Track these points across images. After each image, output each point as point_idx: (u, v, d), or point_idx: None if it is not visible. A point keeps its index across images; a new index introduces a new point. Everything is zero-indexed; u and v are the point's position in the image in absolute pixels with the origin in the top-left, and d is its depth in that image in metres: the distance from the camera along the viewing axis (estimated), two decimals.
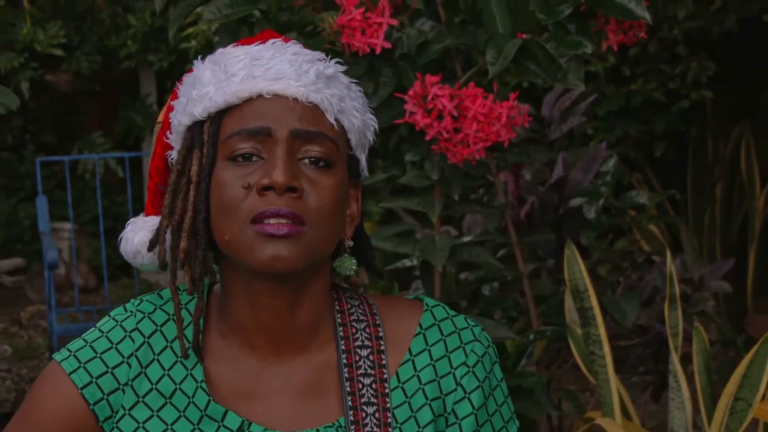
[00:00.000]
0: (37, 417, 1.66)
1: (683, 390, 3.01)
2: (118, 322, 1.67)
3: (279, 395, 1.65)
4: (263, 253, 1.53)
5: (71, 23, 7.45)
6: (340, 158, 1.60)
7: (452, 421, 1.65)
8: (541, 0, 2.52)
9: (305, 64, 1.60)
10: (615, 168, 3.59)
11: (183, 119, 1.62)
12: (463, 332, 1.68)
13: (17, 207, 7.74)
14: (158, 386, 1.64)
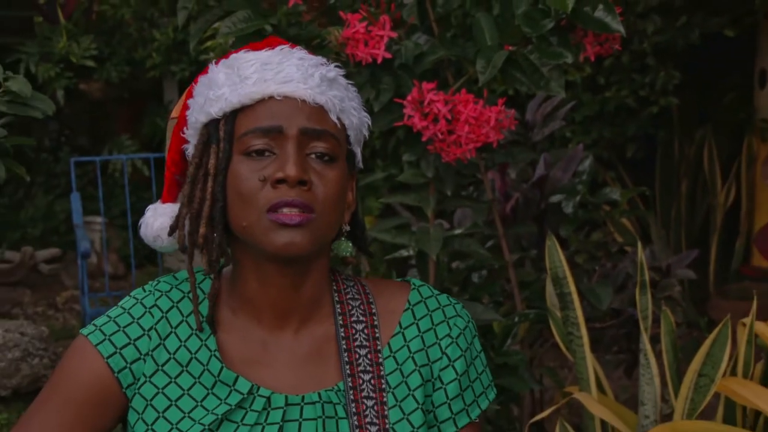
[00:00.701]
0: (67, 385, 1.67)
1: (652, 367, 3.01)
2: (138, 300, 1.69)
3: (284, 363, 1.67)
4: (278, 239, 1.56)
5: (102, 37, 7.44)
6: (341, 153, 1.63)
7: (438, 386, 1.69)
8: (526, 15, 2.51)
9: (310, 68, 1.62)
10: (591, 167, 3.59)
11: (200, 117, 1.63)
12: (446, 308, 1.73)
13: (54, 202, 7.74)
14: (175, 356, 1.66)
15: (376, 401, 1.64)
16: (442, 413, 1.69)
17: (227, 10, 2.74)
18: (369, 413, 1.63)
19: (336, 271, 1.76)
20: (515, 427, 3.19)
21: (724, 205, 6.48)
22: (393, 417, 1.65)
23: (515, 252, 3.32)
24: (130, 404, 1.66)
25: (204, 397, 1.64)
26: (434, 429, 1.69)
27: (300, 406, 1.64)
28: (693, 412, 2.98)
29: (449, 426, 1.69)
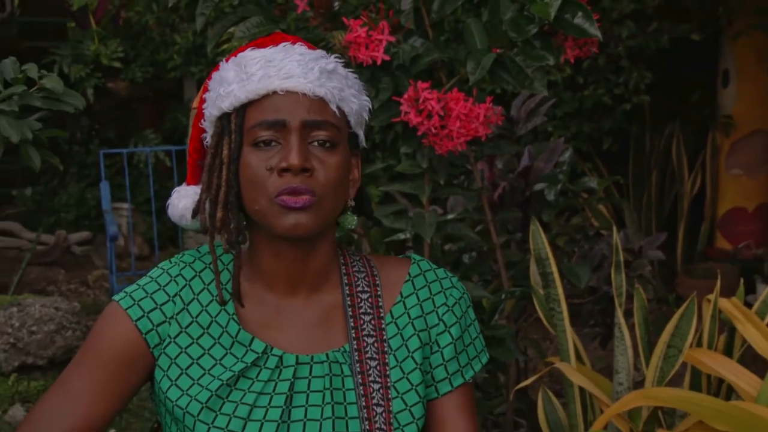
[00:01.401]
0: (101, 345, 1.68)
1: (626, 339, 3.01)
2: (165, 270, 1.71)
3: (295, 326, 1.69)
4: (286, 221, 1.58)
5: (128, 41, 7.43)
6: (342, 138, 1.64)
7: (435, 349, 1.71)
8: (512, 21, 2.51)
9: (310, 63, 1.63)
10: (570, 159, 3.59)
11: (213, 111, 1.65)
12: (443, 280, 1.75)
13: (85, 190, 7.73)
14: (197, 319, 1.68)
15: (378, 362, 1.66)
16: (438, 374, 1.71)
17: (241, 16, 2.73)
18: (372, 372, 1.65)
19: (343, 247, 1.77)
20: (502, 393, 3.19)
21: (691, 193, 6.49)
22: (394, 376, 1.67)
23: (502, 235, 3.31)
24: (157, 362, 1.68)
25: (223, 356, 1.66)
26: (431, 388, 1.71)
27: (309, 365, 1.66)
28: (662, 379, 2.98)
29: (445, 385, 1.71)
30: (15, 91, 2.60)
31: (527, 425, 3.44)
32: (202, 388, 1.63)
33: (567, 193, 3.61)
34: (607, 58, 6.09)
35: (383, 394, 1.64)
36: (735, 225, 6.35)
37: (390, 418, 1.63)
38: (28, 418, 1.69)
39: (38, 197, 7.79)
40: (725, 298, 3.01)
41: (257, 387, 1.63)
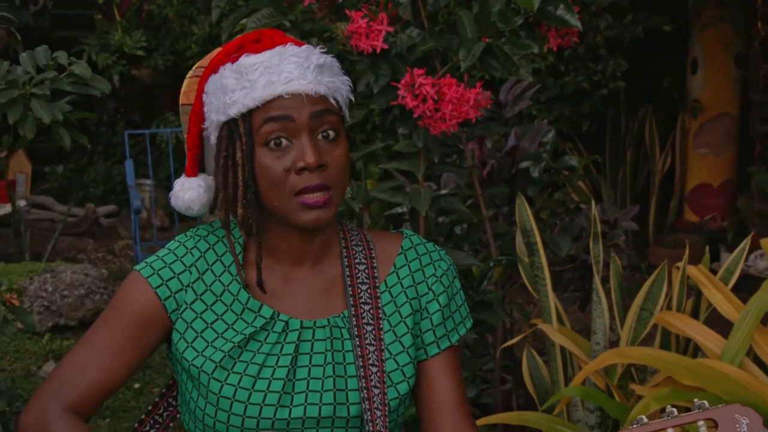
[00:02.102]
0: (123, 310, 1.69)
1: (602, 303, 3.01)
2: (181, 242, 1.72)
3: (299, 295, 1.70)
4: (306, 217, 1.60)
5: (150, 31, 7.41)
6: (341, 126, 1.65)
7: (425, 316, 1.72)
8: (500, 13, 2.50)
9: (305, 62, 1.63)
10: (553, 139, 3.58)
11: (219, 117, 1.64)
12: (432, 253, 1.77)
13: (111, 168, 7.73)
14: (211, 287, 1.69)
15: (374, 326, 1.67)
16: (428, 337, 1.72)
17: (253, 8, 2.72)
18: (368, 336, 1.66)
19: (343, 223, 1.78)
20: (490, 352, 3.19)
21: (662, 170, 6.49)
22: (387, 339, 1.68)
23: (491, 209, 3.31)
24: (174, 326, 1.68)
25: (234, 321, 1.67)
26: (421, 350, 1.72)
27: (312, 329, 1.67)
28: (635, 339, 2.98)
29: (433, 348, 1.72)
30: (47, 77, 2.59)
31: (513, 380, 3.44)
32: (215, 349, 1.64)
33: (549, 170, 3.61)
34: (586, 48, 6.08)
35: (378, 356, 1.65)
36: (701, 199, 6.35)
37: (383, 377, 1.64)
38: (55, 371, 1.69)
39: (69, 174, 7.78)
40: (692, 266, 3.00)
41: (265, 349, 1.64)
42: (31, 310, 5.37)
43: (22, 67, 2.62)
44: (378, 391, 1.63)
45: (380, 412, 1.62)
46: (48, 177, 7.77)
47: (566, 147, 6.24)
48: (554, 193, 4.60)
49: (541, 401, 3.09)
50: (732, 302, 2.92)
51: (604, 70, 6.10)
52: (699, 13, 6.13)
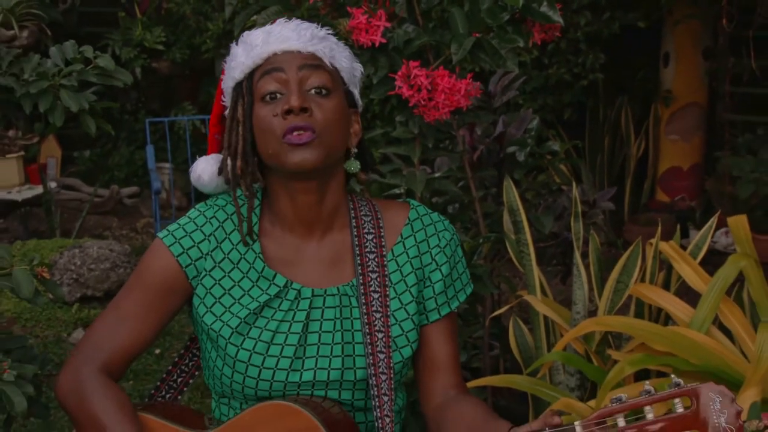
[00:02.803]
0: (147, 276, 1.69)
1: (582, 276, 3.00)
2: (201, 211, 1.72)
3: (311, 263, 1.68)
4: (294, 158, 1.58)
5: (169, 27, 7.38)
6: (336, 88, 1.64)
7: (428, 284, 1.71)
8: (489, 10, 2.49)
9: (303, 30, 1.65)
10: (537, 126, 3.57)
11: (229, 83, 1.66)
12: (437, 224, 1.74)
13: (134, 152, 7.72)
14: (229, 256, 1.68)
15: (380, 294, 1.66)
16: (429, 304, 1.71)
17: (262, 6, 2.71)
18: (375, 303, 1.65)
19: (353, 194, 1.76)
20: (479, 320, 3.19)
21: (636, 154, 6.48)
22: (393, 306, 1.67)
23: (480, 190, 3.30)
24: (195, 292, 1.68)
25: (250, 288, 1.66)
26: (423, 316, 1.70)
27: (323, 297, 1.66)
28: (612, 309, 2.99)
29: (434, 314, 1.71)
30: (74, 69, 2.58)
31: (500, 347, 3.44)
32: (232, 315, 1.64)
33: (534, 154, 3.60)
34: (567, 42, 6.07)
35: (384, 322, 1.64)
36: (672, 181, 6.34)
37: (389, 342, 1.63)
38: (87, 335, 1.70)
39: (95, 158, 7.77)
40: (664, 242, 3.01)
41: (279, 316, 1.64)
42: (61, 282, 5.38)
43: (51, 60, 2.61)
44: (383, 355, 1.62)
45: (385, 375, 1.62)
46: (76, 161, 7.76)
47: (549, 133, 6.23)
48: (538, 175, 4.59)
49: (526, 365, 3.09)
50: (700, 275, 2.93)
51: (584, 63, 6.09)
52: (671, 10, 6.12)
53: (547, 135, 6.10)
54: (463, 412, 1.61)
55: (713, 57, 6.21)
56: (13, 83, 2.58)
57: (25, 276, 1.96)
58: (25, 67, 2.61)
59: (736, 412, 1.35)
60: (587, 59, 6.08)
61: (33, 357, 2.27)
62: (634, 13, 6.07)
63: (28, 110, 2.57)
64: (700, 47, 6.19)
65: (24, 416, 1.91)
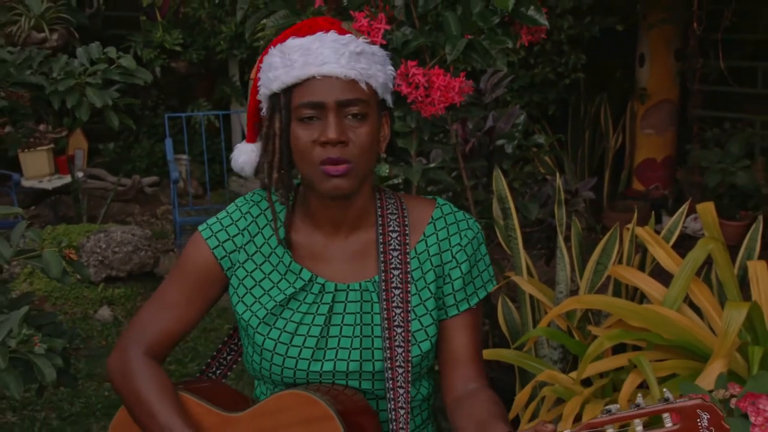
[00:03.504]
0: (187, 266, 1.68)
1: (565, 258, 3.00)
2: (238, 207, 1.69)
3: (336, 259, 1.65)
4: (327, 185, 1.54)
5: (186, 30, 7.36)
6: (371, 109, 1.58)
7: (447, 281, 1.65)
8: (480, 13, 2.48)
9: (341, 48, 1.57)
10: (524, 121, 3.56)
11: (266, 91, 1.60)
12: (460, 222, 1.68)
13: (154, 145, 7.70)
14: (261, 249, 1.65)
15: (401, 290, 1.61)
16: (449, 300, 1.65)
17: (271, 10, 2.70)
18: (395, 299, 1.60)
19: (382, 190, 1.71)
20: None
21: (614, 147, 6.47)
22: (413, 302, 1.62)
23: (472, 179, 3.30)
24: (229, 282, 1.66)
25: (279, 280, 1.63)
26: (442, 311, 1.65)
27: (346, 292, 1.63)
28: (592, 289, 2.99)
29: (453, 309, 1.65)
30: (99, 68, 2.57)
31: (489, 323, 3.44)
32: (261, 306, 1.62)
33: (521, 147, 3.59)
34: (552, 44, 6.05)
35: (403, 317, 1.59)
36: (647, 172, 6.33)
37: (408, 336, 1.59)
38: (134, 320, 1.70)
39: (118, 150, 7.75)
40: (640, 227, 3.00)
41: (303, 308, 1.61)
42: (88, 263, 5.38)
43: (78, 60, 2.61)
44: (401, 349, 1.58)
45: (402, 369, 1.58)
46: (101, 152, 7.74)
47: (535, 128, 6.22)
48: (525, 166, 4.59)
49: (513, 340, 3.09)
50: (672, 257, 2.93)
51: (567, 63, 6.08)
52: (645, 15, 6.11)
53: (533, 129, 6.10)
54: (474, 410, 1.55)
55: (684, 58, 6.19)
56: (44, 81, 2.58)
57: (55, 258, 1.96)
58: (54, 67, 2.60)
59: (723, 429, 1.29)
60: (570, 60, 6.06)
61: (62, 332, 2.27)
62: (613, 18, 6.06)
63: (56, 106, 2.56)
64: (673, 49, 6.18)
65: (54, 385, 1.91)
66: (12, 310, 1.83)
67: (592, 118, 6.53)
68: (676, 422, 1.30)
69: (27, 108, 2.66)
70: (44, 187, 6.76)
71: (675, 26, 6.08)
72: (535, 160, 5.36)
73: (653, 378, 2.42)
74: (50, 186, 6.76)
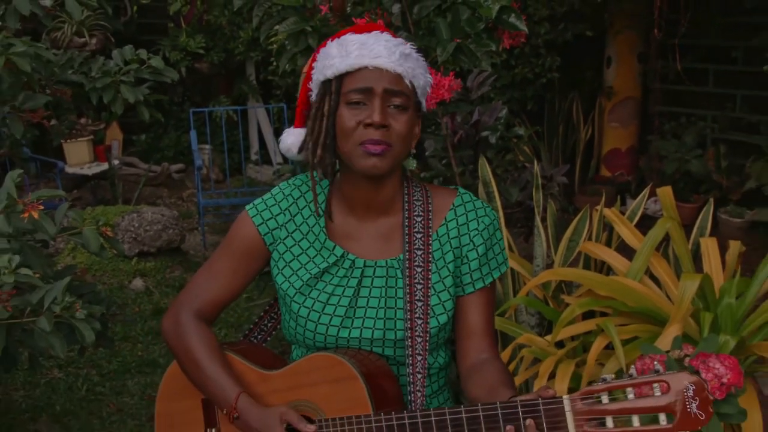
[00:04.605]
0: (234, 241, 1.67)
1: (541, 236, 3.00)
2: (281, 189, 1.67)
3: (366, 239, 1.63)
4: (366, 163, 1.53)
5: (208, 35, 7.32)
6: (411, 104, 1.56)
7: (465, 262, 1.62)
8: (467, 20, 2.47)
9: (393, 47, 1.55)
10: (506, 115, 3.55)
11: (319, 77, 1.58)
12: (478, 210, 1.65)
13: (180, 136, 7.68)
14: (300, 227, 1.64)
15: (423, 268, 1.59)
16: (465, 279, 1.63)
17: (283, 17, 2.68)
18: (417, 276, 1.59)
19: (409, 179, 1.68)
20: None
21: (584, 138, 6.46)
22: (433, 279, 1.60)
23: (460, 167, 3.29)
24: (271, 256, 1.65)
25: (314, 256, 1.62)
26: (459, 288, 1.63)
27: (373, 268, 1.61)
28: (565, 262, 2.99)
29: (469, 287, 1.63)
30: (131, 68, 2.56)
31: None
32: (298, 277, 1.61)
33: (503, 138, 3.58)
34: (530, 48, 6.03)
35: (424, 292, 1.58)
36: (613, 160, 6.33)
37: (427, 309, 1.58)
38: (187, 286, 1.70)
39: (149, 140, 7.72)
40: (607, 209, 3.00)
41: (335, 281, 1.60)
42: (123, 240, 5.37)
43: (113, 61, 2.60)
44: (421, 321, 1.57)
45: (421, 338, 1.56)
46: (134, 143, 7.72)
47: (515, 121, 6.20)
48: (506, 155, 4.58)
49: (496, 308, 3.10)
50: (635, 235, 2.93)
51: (543, 65, 6.06)
52: (612, 22, 6.09)
53: (513, 122, 6.08)
54: (485, 377, 1.54)
55: (646, 60, 6.18)
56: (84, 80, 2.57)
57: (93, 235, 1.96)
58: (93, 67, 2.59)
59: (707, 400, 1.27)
60: (546, 61, 6.04)
61: (100, 300, 2.27)
62: (583, 25, 6.04)
63: (95, 101, 2.55)
64: (636, 52, 6.16)
65: (93, 346, 1.91)
66: (56, 280, 1.83)
67: (566, 113, 6.52)
68: (665, 392, 1.28)
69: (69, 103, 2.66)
70: (85, 173, 6.75)
71: (638, 32, 6.07)
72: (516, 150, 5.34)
73: (618, 340, 2.43)
74: (90, 172, 6.75)
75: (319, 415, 1.53)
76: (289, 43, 2.69)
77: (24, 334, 1.81)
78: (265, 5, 2.71)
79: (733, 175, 5.70)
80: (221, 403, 1.59)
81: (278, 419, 1.51)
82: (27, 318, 1.73)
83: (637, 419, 1.29)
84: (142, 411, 3.81)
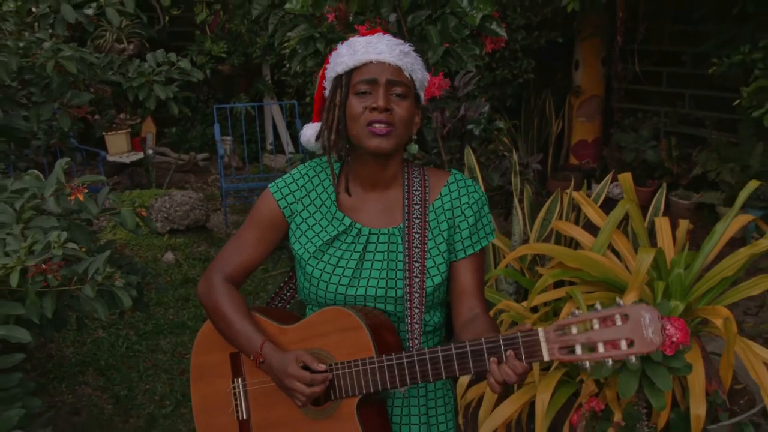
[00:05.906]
0: (258, 214, 1.68)
1: (519, 215, 2.99)
2: (298, 170, 1.68)
3: (370, 210, 1.64)
4: (372, 142, 1.55)
5: (230, 41, 7.28)
6: (410, 94, 1.58)
7: (456, 231, 1.63)
8: (455, 27, 2.46)
9: (394, 46, 1.58)
10: (488, 111, 3.54)
11: (331, 74, 1.60)
12: (469, 186, 1.66)
13: (205, 129, 7.64)
14: (314, 202, 1.65)
15: (420, 235, 1.60)
16: (458, 246, 1.63)
17: (294, 24, 2.66)
18: (415, 241, 1.59)
19: (409, 162, 1.69)
20: None
21: (556, 131, 6.44)
22: (430, 245, 1.61)
23: (448, 155, 3.28)
24: (290, 227, 1.66)
25: (326, 225, 1.63)
26: (453, 254, 1.63)
27: (377, 235, 1.62)
28: (539, 238, 2.98)
29: (461, 253, 1.63)
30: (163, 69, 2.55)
31: None
32: (312, 244, 1.62)
33: (486, 130, 3.57)
34: (509, 52, 6.00)
35: (421, 255, 1.59)
36: (581, 150, 6.31)
37: (424, 270, 1.59)
38: (218, 256, 1.71)
39: (179, 133, 7.68)
40: (575, 192, 3.00)
41: (343, 246, 1.61)
42: (156, 219, 5.36)
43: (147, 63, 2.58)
44: (418, 280, 1.58)
45: (418, 294, 1.57)
46: (166, 135, 7.69)
47: (496, 116, 6.15)
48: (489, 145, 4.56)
49: None
50: (599, 215, 2.92)
51: (521, 67, 6.03)
52: (580, 30, 6.06)
53: (494, 117, 6.03)
54: (477, 327, 1.55)
55: (609, 63, 6.15)
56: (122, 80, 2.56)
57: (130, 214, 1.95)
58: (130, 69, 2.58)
59: (660, 326, 1.29)
60: (522, 64, 6.02)
61: (137, 270, 2.27)
62: (555, 32, 6.02)
63: (131, 98, 2.54)
64: (600, 56, 6.13)
65: (131, 310, 1.91)
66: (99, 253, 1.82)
67: (540, 109, 6.49)
68: (624, 322, 1.30)
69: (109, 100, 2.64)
70: (123, 161, 6.73)
71: (602, 39, 6.04)
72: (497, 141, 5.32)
73: (584, 305, 2.43)
74: (128, 160, 6.73)
75: (330, 360, 1.55)
76: (300, 47, 2.68)
77: (72, 300, 1.81)
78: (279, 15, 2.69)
79: (683, 163, 5.70)
80: (248, 351, 1.61)
81: (295, 361, 1.54)
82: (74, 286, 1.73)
83: (602, 345, 1.31)
84: (174, 366, 3.83)
